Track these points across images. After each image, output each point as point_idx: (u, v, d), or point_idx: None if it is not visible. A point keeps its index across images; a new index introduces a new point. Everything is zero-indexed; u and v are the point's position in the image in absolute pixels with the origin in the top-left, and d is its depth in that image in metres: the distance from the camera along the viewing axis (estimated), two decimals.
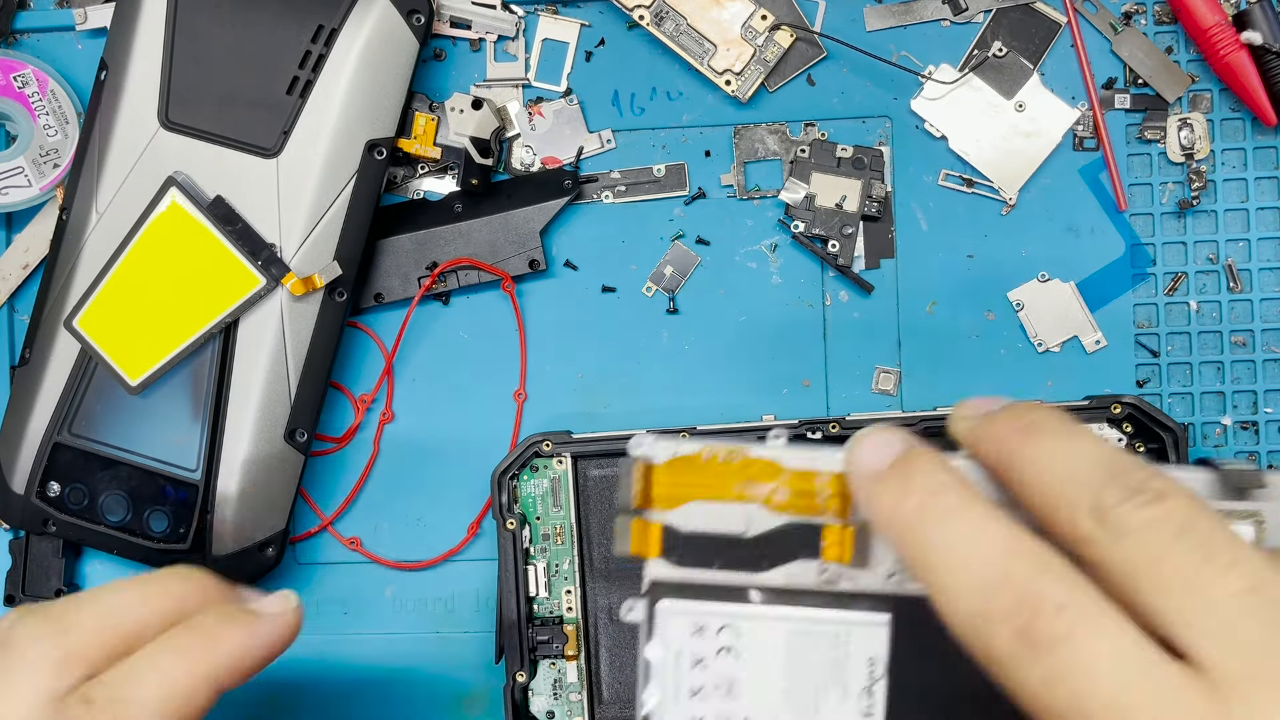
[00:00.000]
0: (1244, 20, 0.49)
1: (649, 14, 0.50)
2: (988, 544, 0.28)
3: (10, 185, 0.51)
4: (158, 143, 0.49)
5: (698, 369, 0.52)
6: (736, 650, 0.37)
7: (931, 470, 0.30)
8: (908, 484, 0.30)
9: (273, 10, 0.48)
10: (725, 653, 0.36)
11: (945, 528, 0.28)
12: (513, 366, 0.52)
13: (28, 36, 0.53)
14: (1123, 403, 0.48)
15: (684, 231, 0.52)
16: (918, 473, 0.30)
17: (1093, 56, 0.51)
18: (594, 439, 0.49)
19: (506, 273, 0.51)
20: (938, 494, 0.29)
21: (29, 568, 0.52)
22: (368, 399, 0.52)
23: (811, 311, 0.51)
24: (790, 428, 0.48)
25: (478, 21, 0.51)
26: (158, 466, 0.50)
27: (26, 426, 0.50)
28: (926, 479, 0.30)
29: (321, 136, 0.48)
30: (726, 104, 0.51)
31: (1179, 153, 0.50)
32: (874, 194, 0.51)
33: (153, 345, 0.49)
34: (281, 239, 0.48)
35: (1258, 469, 0.35)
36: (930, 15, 0.51)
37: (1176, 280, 0.51)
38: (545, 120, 0.52)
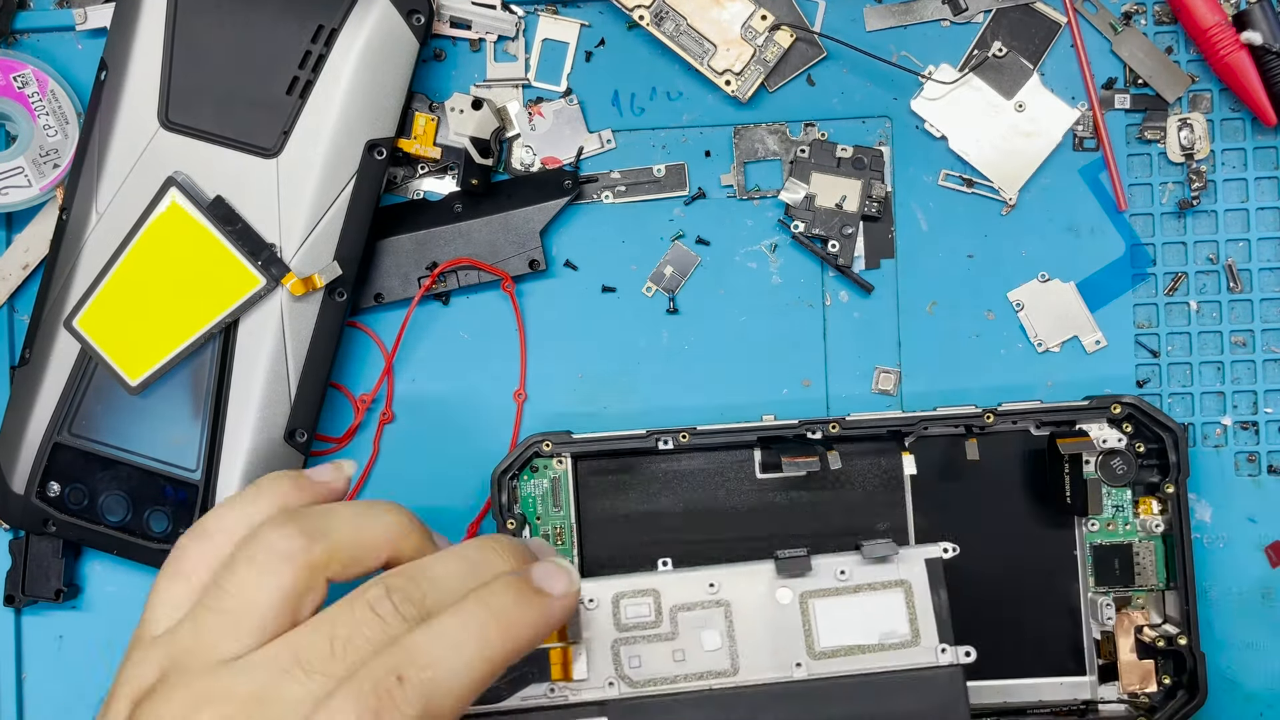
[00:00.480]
0: (1244, 20, 0.49)
1: (649, 14, 0.50)
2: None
3: (10, 185, 0.51)
4: (158, 143, 0.49)
5: (698, 369, 0.52)
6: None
7: None
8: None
9: (273, 10, 0.48)
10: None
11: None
12: (513, 366, 0.52)
13: (28, 36, 0.53)
14: (1123, 403, 0.48)
15: (684, 231, 0.52)
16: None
17: (1093, 56, 0.51)
18: (594, 439, 0.49)
19: (506, 273, 0.51)
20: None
21: (29, 568, 0.52)
22: (368, 399, 0.52)
23: (811, 311, 0.51)
24: (790, 428, 0.48)
25: (478, 21, 0.51)
26: (158, 466, 0.50)
27: (26, 426, 0.50)
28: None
29: (321, 136, 0.48)
30: (726, 104, 0.51)
31: (1179, 153, 0.50)
32: (874, 194, 0.51)
33: (153, 345, 0.49)
34: (281, 239, 0.48)
35: (888, 543, 0.42)
36: (930, 15, 0.51)
37: (1176, 280, 0.51)
38: (545, 120, 0.52)
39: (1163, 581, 0.48)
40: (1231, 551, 0.51)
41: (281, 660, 0.33)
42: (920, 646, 0.42)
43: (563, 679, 0.42)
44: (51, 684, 0.53)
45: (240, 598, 0.34)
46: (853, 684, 0.42)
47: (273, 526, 0.35)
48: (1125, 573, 0.48)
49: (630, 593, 0.43)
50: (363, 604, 0.34)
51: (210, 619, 0.34)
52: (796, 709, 0.42)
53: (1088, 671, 0.48)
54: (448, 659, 0.33)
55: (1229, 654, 0.50)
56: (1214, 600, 0.50)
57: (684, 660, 0.42)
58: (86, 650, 0.53)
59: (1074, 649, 0.49)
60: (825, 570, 0.43)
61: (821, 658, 0.42)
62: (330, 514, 0.36)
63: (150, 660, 0.34)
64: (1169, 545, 0.48)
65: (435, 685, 0.33)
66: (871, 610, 0.42)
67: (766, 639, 0.43)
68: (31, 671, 0.53)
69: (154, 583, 0.37)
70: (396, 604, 0.34)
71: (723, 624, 0.43)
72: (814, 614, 0.43)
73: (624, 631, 0.43)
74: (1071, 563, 0.49)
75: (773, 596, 0.43)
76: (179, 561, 0.36)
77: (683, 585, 0.43)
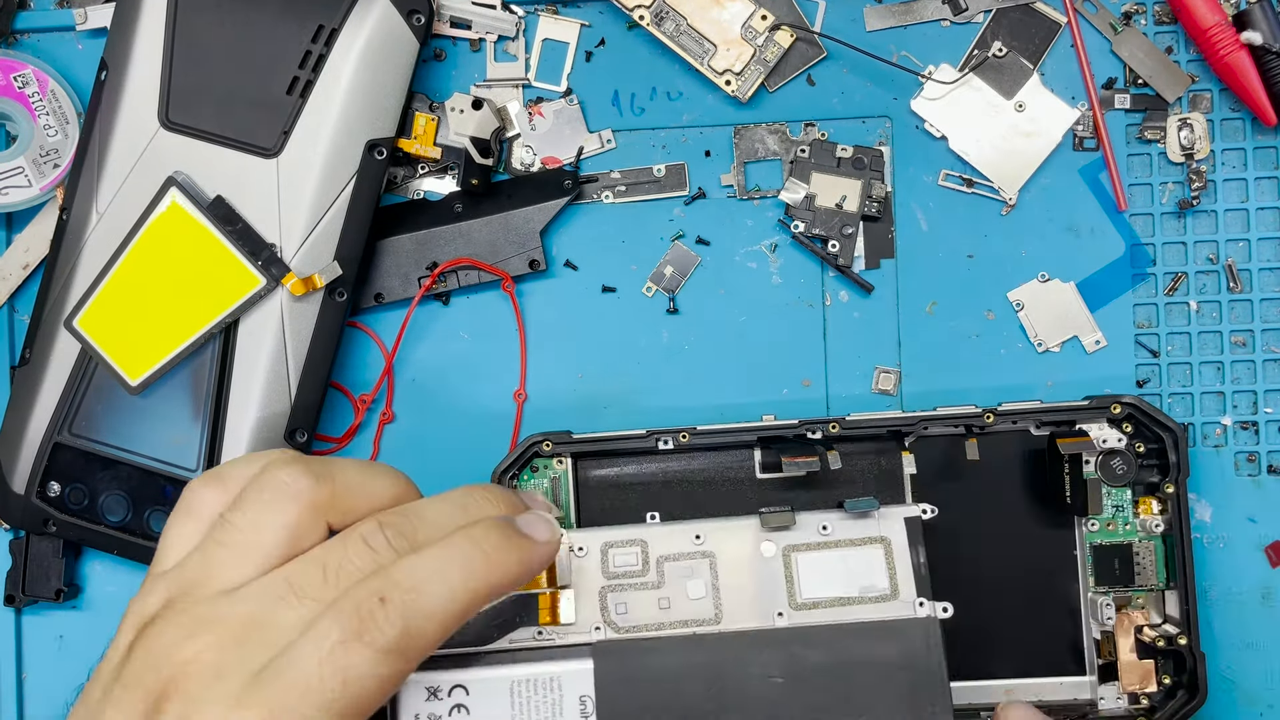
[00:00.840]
0: (1244, 20, 0.49)
1: (649, 14, 0.50)
2: None
3: (10, 185, 0.51)
4: (158, 143, 0.49)
5: (698, 369, 0.52)
6: (467, 706, 0.43)
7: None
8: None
9: (273, 10, 0.48)
10: (459, 710, 0.42)
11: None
12: (513, 366, 0.52)
13: (28, 36, 0.53)
14: (1123, 403, 0.48)
15: (684, 231, 0.52)
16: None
17: (1093, 56, 0.51)
18: (594, 439, 0.48)
19: (506, 273, 0.51)
20: None
21: (29, 568, 0.52)
22: (368, 399, 0.52)
23: (811, 311, 0.51)
24: (790, 428, 0.48)
25: (478, 21, 0.51)
26: (158, 466, 0.50)
27: (26, 426, 0.50)
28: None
29: (321, 136, 0.48)
30: (726, 104, 0.51)
31: (1179, 153, 0.50)
32: (874, 194, 0.51)
33: (153, 345, 0.49)
34: (281, 239, 0.48)
35: (869, 500, 0.44)
36: (930, 15, 0.51)
37: (1176, 280, 0.51)
38: (545, 120, 0.52)
39: (1163, 581, 0.48)
40: (1231, 551, 0.51)
41: (276, 588, 0.35)
42: (899, 601, 0.44)
43: (550, 623, 0.44)
44: (51, 684, 0.53)
45: (246, 532, 0.36)
46: (831, 631, 0.43)
47: (281, 466, 0.37)
48: (1125, 573, 0.48)
49: (619, 543, 0.45)
50: (355, 537, 0.36)
51: (216, 551, 0.36)
52: (777, 653, 0.43)
53: (1088, 671, 0.48)
54: (430, 584, 0.35)
55: (1229, 654, 0.50)
56: (1214, 600, 0.50)
57: (669, 608, 0.44)
58: (86, 650, 0.53)
59: (1074, 649, 0.48)
60: (808, 525, 0.44)
61: (803, 608, 0.44)
62: (335, 462, 0.38)
63: (156, 591, 0.36)
64: (1169, 545, 0.48)
65: (416, 608, 0.34)
66: (852, 565, 0.44)
67: (749, 590, 0.44)
68: (31, 671, 0.53)
69: (166, 521, 0.38)
70: (389, 537, 0.36)
71: (708, 574, 0.44)
72: (796, 567, 0.44)
73: (611, 579, 0.44)
74: (1071, 563, 0.49)
75: (757, 549, 0.44)
76: (189, 500, 0.38)
77: (670, 537, 0.45)
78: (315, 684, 0.33)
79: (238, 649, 0.34)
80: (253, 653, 0.33)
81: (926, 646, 0.43)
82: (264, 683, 0.33)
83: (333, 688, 0.33)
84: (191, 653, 0.33)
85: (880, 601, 0.44)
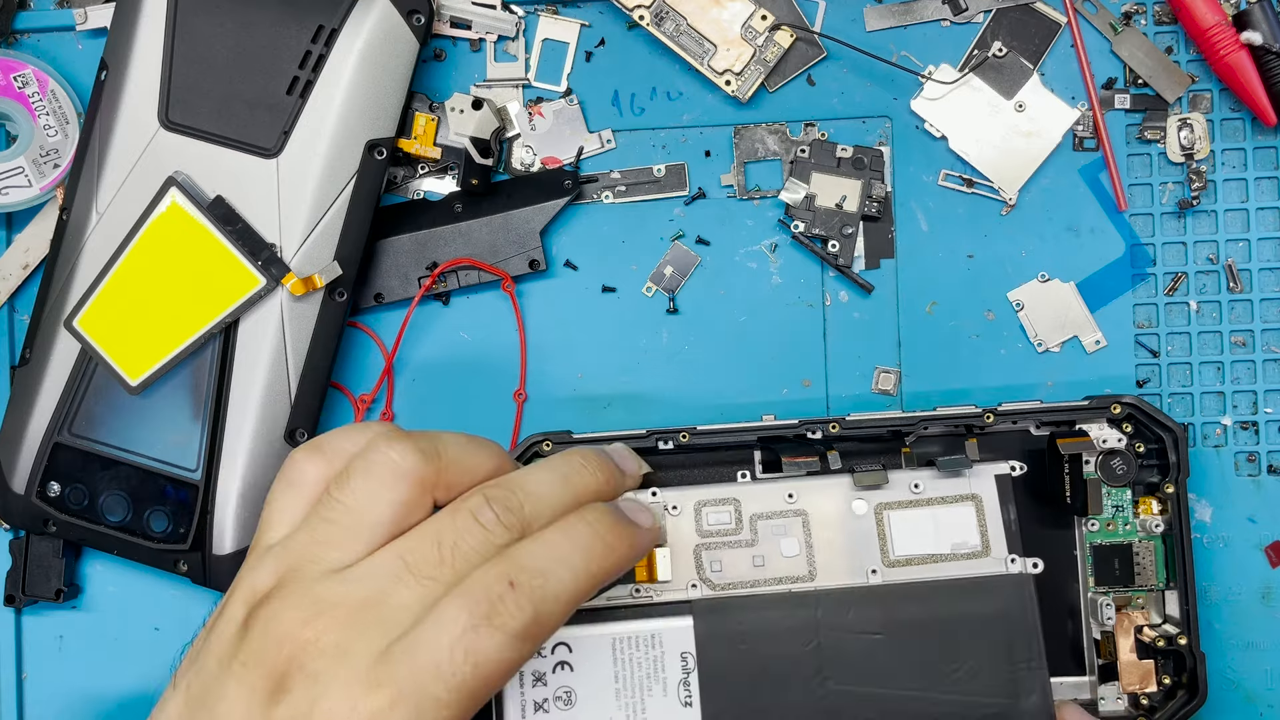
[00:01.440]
0: (1244, 20, 0.49)
1: (649, 14, 0.50)
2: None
3: (10, 185, 0.51)
4: (158, 143, 0.49)
5: (698, 369, 0.52)
6: (571, 664, 0.44)
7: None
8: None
9: (273, 10, 0.48)
10: (562, 668, 0.44)
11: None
12: (513, 366, 0.52)
13: (28, 36, 0.53)
14: (1123, 403, 0.48)
15: (684, 231, 0.52)
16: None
17: (1093, 56, 0.51)
18: (594, 439, 0.48)
19: (506, 273, 0.51)
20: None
21: (29, 568, 0.52)
22: (368, 399, 0.52)
23: (811, 311, 0.51)
24: (790, 428, 0.48)
25: (478, 21, 0.51)
26: (158, 466, 0.50)
27: (26, 426, 0.50)
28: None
29: (321, 136, 0.48)
30: (726, 104, 0.51)
31: (1179, 153, 0.50)
32: (874, 194, 0.51)
33: (153, 345, 0.49)
34: (281, 239, 0.48)
35: (961, 459, 0.45)
36: (930, 15, 0.51)
37: (1176, 280, 0.51)
38: (545, 120, 0.52)
39: (1163, 581, 0.48)
40: (1231, 551, 0.51)
41: (392, 567, 0.35)
42: (990, 557, 0.45)
43: (646, 580, 0.44)
44: (51, 684, 0.53)
45: (355, 509, 0.36)
46: (925, 588, 0.44)
47: (388, 442, 0.37)
48: (1125, 573, 0.48)
49: (712, 501, 0.45)
50: (465, 513, 0.36)
51: (324, 528, 0.36)
52: (874, 610, 0.44)
53: (1088, 671, 0.48)
54: (556, 569, 0.35)
55: (1229, 654, 0.50)
56: (1214, 600, 0.50)
57: (763, 565, 0.45)
58: (86, 650, 0.53)
59: (1074, 649, 0.48)
60: (899, 483, 0.45)
61: (895, 565, 0.45)
62: (440, 437, 0.38)
63: (265, 566, 0.36)
64: (1169, 545, 0.48)
65: (544, 592, 0.35)
66: (943, 522, 0.45)
67: (842, 547, 0.45)
68: (31, 671, 0.53)
69: (269, 492, 0.38)
70: (498, 513, 0.36)
71: (800, 532, 0.45)
72: (889, 524, 0.45)
73: (705, 537, 0.45)
74: (1071, 563, 0.49)
75: (849, 507, 0.45)
76: (292, 472, 0.38)
77: (762, 495, 0.46)
78: (446, 666, 0.33)
79: (360, 629, 0.34)
80: (375, 633, 0.34)
81: (1021, 602, 0.44)
82: (392, 662, 0.33)
83: (464, 670, 0.33)
84: (313, 634, 0.34)
85: (971, 558, 0.45)
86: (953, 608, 0.44)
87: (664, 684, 0.44)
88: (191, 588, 0.51)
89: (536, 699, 0.44)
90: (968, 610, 0.44)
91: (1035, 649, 0.44)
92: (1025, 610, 0.44)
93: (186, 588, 0.52)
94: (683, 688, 0.44)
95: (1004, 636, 0.44)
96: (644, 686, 0.44)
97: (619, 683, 0.44)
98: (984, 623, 0.44)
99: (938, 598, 0.44)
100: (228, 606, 0.36)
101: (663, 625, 0.44)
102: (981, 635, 0.44)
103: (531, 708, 0.44)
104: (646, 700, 0.44)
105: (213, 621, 0.36)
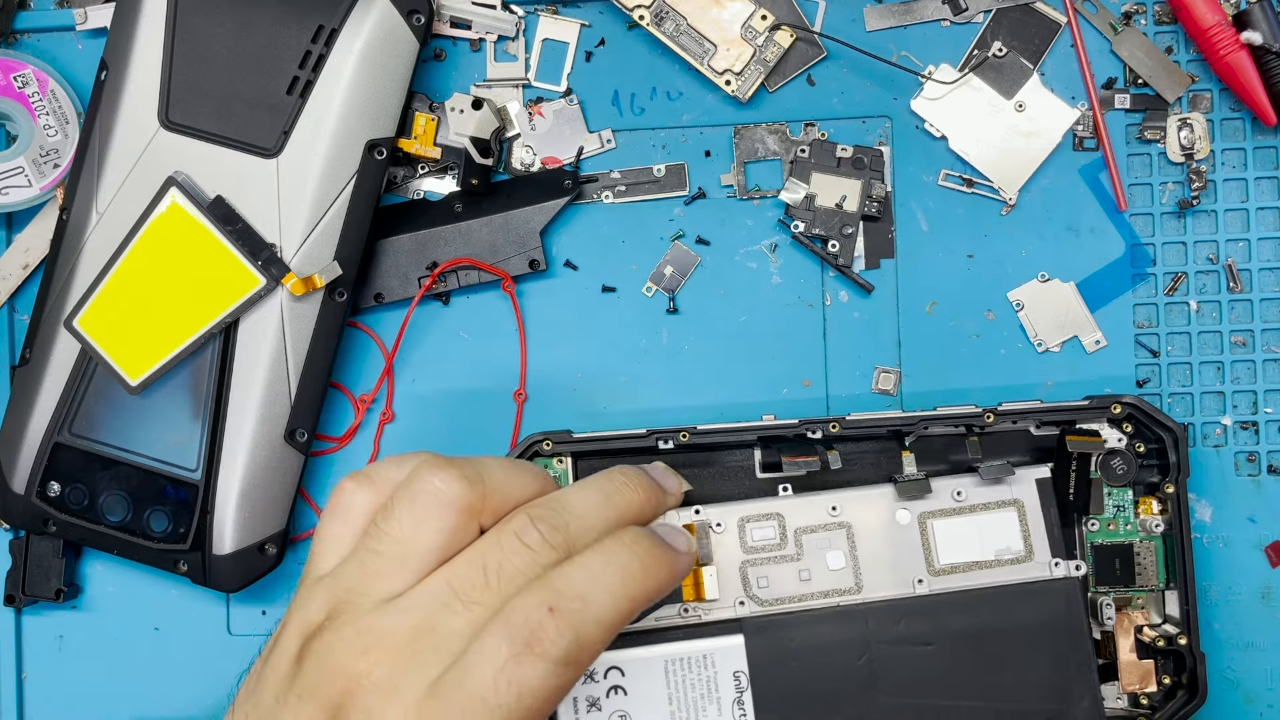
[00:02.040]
0: (1244, 20, 0.49)
1: (649, 14, 0.50)
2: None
3: (10, 185, 0.51)
4: (158, 143, 0.49)
5: (698, 369, 0.52)
6: (624, 688, 0.44)
7: None
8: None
9: (273, 10, 0.48)
10: (616, 691, 0.44)
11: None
12: (513, 366, 0.52)
13: (28, 36, 0.53)
14: (1123, 403, 0.48)
15: (684, 231, 0.52)
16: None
17: (1093, 56, 0.51)
18: (594, 439, 0.48)
19: (506, 273, 0.51)
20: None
21: (29, 568, 0.52)
22: (368, 399, 0.52)
23: (811, 311, 0.51)
24: (790, 428, 0.48)
25: (478, 21, 0.51)
26: (158, 466, 0.50)
27: (26, 426, 0.50)
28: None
29: (321, 136, 0.48)
30: (726, 104, 0.51)
31: (1179, 153, 0.50)
32: (874, 194, 0.51)
33: (153, 345, 0.49)
34: (281, 239, 0.48)
35: (1003, 465, 0.45)
36: (930, 15, 0.51)
37: (1176, 280, 0.51)
38: (545, 120, 0.52)
39: (1163, 581, 0.48)
40: (1231, 551, 0.51)
41: (440, 594, 0.35)
42: (1034, 561, 0.45)
43: (694, 599, 0.45)
44: (51, 684, 0.53)
45: (402, 540, 0.36)
46: (973, 596, 0.45)
47: (432, 471, 0.37)
48: (1125, 573, 0.48)
49: (755, 516, 0.46)
50: (509, 534, 0.36)
51: (373, 560, 0.36)
52: (920, 621, 0.44)
53: None
54: (596, 593, 0.35)
55: (1229, 654, 0.50)
56: (1214, 600, 0.50)
57: (809, 580, 0.45)
58: (86, 650, 0.53)
59: None
60: (942, 491, 0.46)
61: (940, 574, 0.45)
62: (483, 463, 0.38)
63: (317, 599, 0.36)
64: (1169, 545, 0.48)
65: (585, 616, 0.34)
66: (986, 528, 0.45)
67: (887, 558, 0.45)
68: (31, 671, 0.53)
69: (318, 523, 0.38)
70: (543, 533, 0.36)
71: (845, 544, 0.45)
72: (933, 533, 0.45)
73: (750, 554, 0.45)
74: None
75: (892, 517, 0.45)
76: (340, 502, 0.38)
77: (805, 508, 0.46)
78: (491, 697, 0.33)
79: (410, 660, 0.34)
80: (426, 663, 0.34)
81: (1068, 606, 0.45)
82: (441, 696, 0.33)
83: (509, 700, 0.33)
84: (365, 666, 0.34)
85: (1016, 563, 0.45)
86: (1001, 615, 0.44)
87: (719, 703, 0.44)
88: (191, 588, 0.51)
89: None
90: (1016, 617, 0.44)
91: (1085, 653, 0.44)
92: (1073, 614, 0.44)
93: (186, 588, 0.52)
94: (736, 706, 0.44)
95: (1052, 642, 0.44)
96: (698, 707, 0.44)
97: (673, 704, 0.44)
98: (1033, 629, 0.44)
99: (986, 606, 0.44)
100: (282, 638, 0.36)
101: (714, 645, 0.44)
102: (1030, 641, 0.44)
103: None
104: (700, 719, 0.44)
105: (267, 652, 0.36)
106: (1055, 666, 0.44)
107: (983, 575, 0.45)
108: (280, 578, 0.52)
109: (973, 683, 0.44)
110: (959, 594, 0.45)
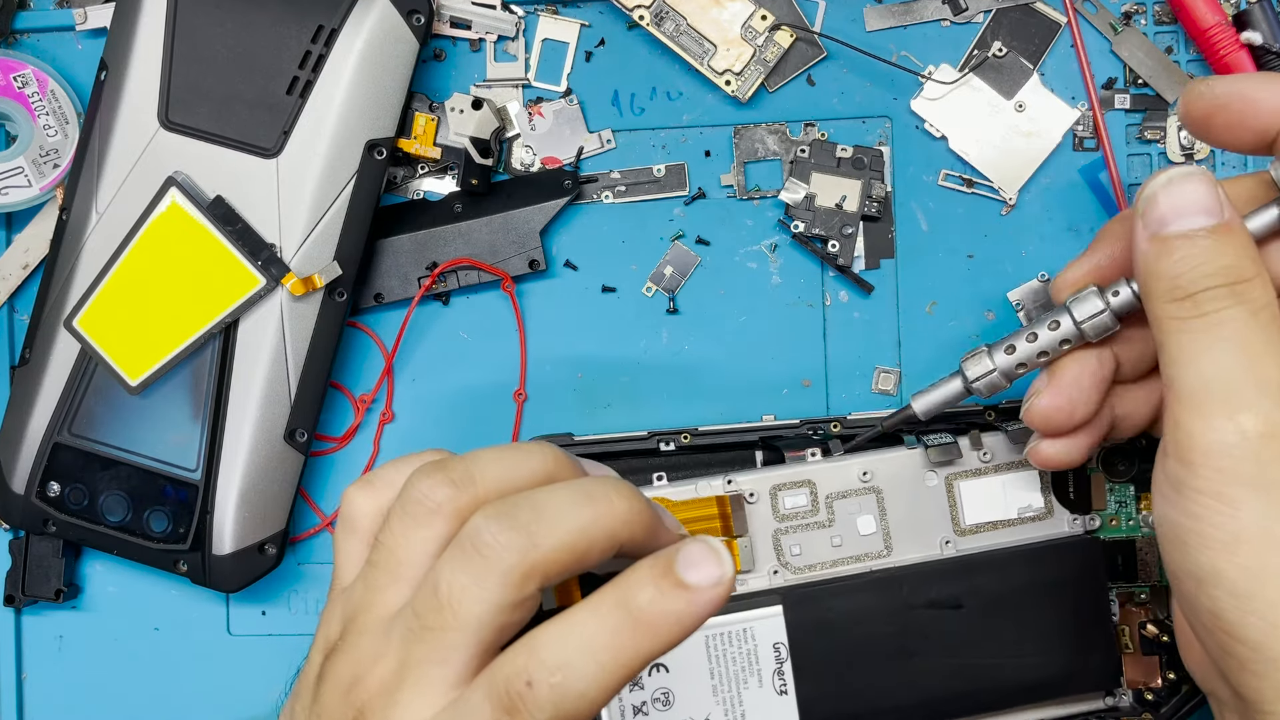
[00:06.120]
0: (1244, 20, 0.49)
1: (649, 14, 0.50)
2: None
3: (10, 185, 0.51)
4: (158, 143, 0.49)
5: (698, 369, 0.52)
6: (665, 665, 0.44)
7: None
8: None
9: (273, 10, 0.48)
10: (657, 669, 0.44)
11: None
12: (513, 366, 0.52)
13: (28, 36, 0.53)
14: None
15: (684, 231, 0.52)
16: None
17: (1093, 56, 0.51)
18: (595, 440, 0.48)
19: (506, 273, 0.51)
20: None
21: (29, 568, 0.52)
22: (368, 399, 0.52)
23: (811, 311, 0.51)
24: (791, 428, 0.48)
25: (478, 21, 0.51)
26: (158, 466, 0.49)
27: (26, 426, 0.50)
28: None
29: (321, 136, 0.48)
30: (726, 104, 0.51)
31: (1179, 153, 0.51)
32: (874, 194, 0.51)
33: (153, 345, 0.49)
34: (281, 239, 0.48)
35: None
36: (930, 15, 0.51)
37: None
38: (545, 120, 0.52)
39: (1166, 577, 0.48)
40: None
41: (407, 618, 0.34)
42: (1054, 518, 0.46)
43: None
44: (51, 684, 0.53)
45: (395, 551, 0.35)
46: (1001, 556, 0.46)
47: (420, 477, 0.35)
48: (1128, 569, 0.48)
49: (787, 484, 0.46)
50: (464, 544, 0.33)
51: (373, 574, 0.35)
52: (951, 583, 0.45)
53: None
54: (579, 662, 0.32)
55: None
56: None
57: (841, 545, 0.46)
58: (86, 650, 0.53)
59: None
60: (969, 453, 0.46)
61: (966, 534, 0.46)
62: (476, 460, 0.36)
63: (335, 614, 0.36)
64: None
65: (565, 690, 0.31)
66: (1010, 487, 0.46)
67: (914, 519, 0.46)
68: (31, 671, 0.53)
69: (335, 534, 0.38)
70: (495, 534, 0.33)
71: (875, 509, 0.46)
72: (959, 494, 0.46)
73: (783, 521, 0.46)
74: None
75: (921, 480, 0.46)
76: (348, 512, 0.37)
77: (836, 473, 0.46)
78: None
79: (403, 684, 0.33)
80: (418, 689, 0.33)
81: (1089, 559, 0.46)
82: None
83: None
84: (367, 692, 0.33)
85: (1037, 520, 0.46)
86: (1025, 572, 0.45)
87: (759, 675, 0.44)
88: (191, 588, 0.51)
89: (635, 703, 0.44)
90: (1041, 573, 0.45)
91: (1104, 604, 0.46)
92: (1093, 566, 0.46)
93: (186, 588, 0.52)
94: (777, 678, 0.44)
95: (1073, 596, 0.45)
96: (739, 680, 0.44)
97: (715, 679, 0.44)
98: (1055, 584, 0.45)
99: (1013, 565, 0.45)
100: (310, 654, 0.36)
101: (753, 616, 0.45)
102: (1053, 596, 0.45)
103: (630, 711, 0.44)
104: (743, 693, 0.44)
105: (305, 664, 0.36)
106: (1075, 619, 0.45)
107: (1005, 533, 0.46)
108: (280, 578, 0.52)
109: (1001, 640, 0.45)
110: (985, 554, 0.46)
